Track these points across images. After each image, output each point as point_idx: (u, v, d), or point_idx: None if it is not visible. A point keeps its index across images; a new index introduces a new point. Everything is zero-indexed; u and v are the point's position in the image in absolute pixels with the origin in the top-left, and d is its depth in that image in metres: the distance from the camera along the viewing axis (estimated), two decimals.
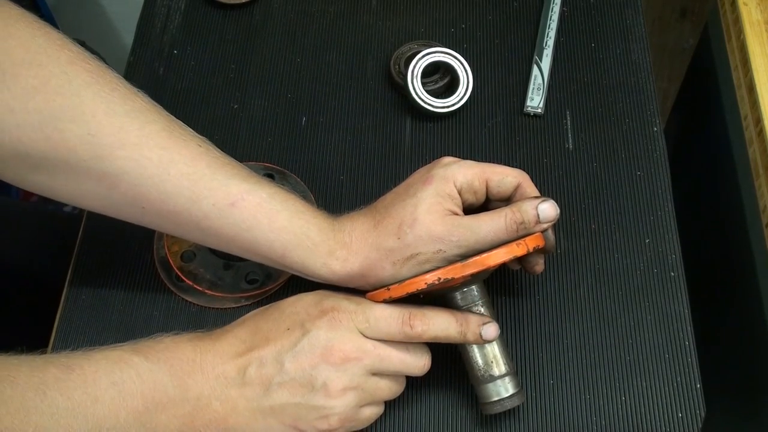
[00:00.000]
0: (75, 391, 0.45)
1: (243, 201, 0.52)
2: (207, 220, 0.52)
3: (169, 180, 0.51)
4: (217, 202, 0.52)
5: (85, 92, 0.49)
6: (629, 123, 0.68)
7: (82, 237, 0.64)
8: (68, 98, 0.49)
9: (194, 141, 0.53)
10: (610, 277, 0.61)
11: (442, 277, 0.50)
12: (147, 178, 0.51)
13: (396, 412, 0.56)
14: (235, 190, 0.52)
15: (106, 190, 0.51)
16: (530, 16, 0.74)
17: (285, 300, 0.53)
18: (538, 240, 0.52)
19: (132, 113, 0.51)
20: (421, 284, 0.50)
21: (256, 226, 0.52)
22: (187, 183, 0.51)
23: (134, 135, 0.50)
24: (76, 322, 0.60)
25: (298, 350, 0.49)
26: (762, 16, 0.76)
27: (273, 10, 0.75)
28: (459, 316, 0.52)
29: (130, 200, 0.52)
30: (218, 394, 0.49)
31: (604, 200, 0.64)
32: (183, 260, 0.61)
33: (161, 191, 0.51)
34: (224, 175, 0.52)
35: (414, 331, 0.50)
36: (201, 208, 0.52)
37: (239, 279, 0.61)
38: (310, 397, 0.49)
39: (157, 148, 0.51)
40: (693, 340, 0.58)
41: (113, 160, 0.50)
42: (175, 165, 0.51)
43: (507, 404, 0.53)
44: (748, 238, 0.76)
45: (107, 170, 0.50)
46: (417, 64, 0.68)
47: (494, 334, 0.52)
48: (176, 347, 0.50)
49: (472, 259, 0.50)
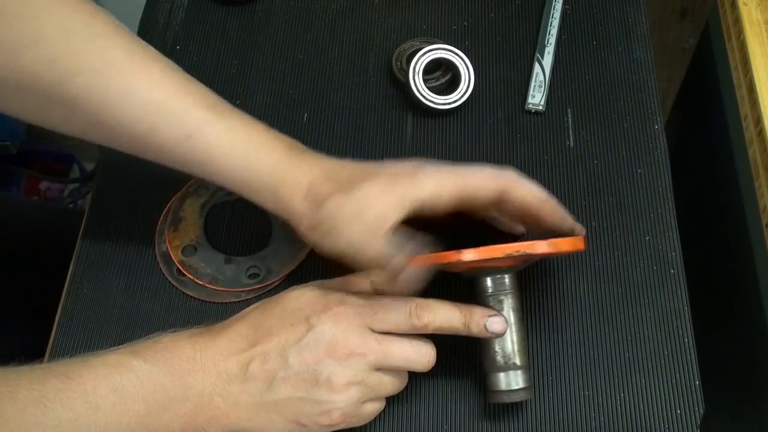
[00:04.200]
0: (76, 401, 0.45)
1: (200, 133, 0.51)
2: (164, 149, 0.52)
3: (127, 109, 0.50)
4: (174, 134, 0.51)
5: (44, 15, 0.48)
6: (630, 121, 0.68)
7: (84, 231, 0.64)
8: (27, 23, 0.48)
9: (156, 66, 0.51)
10: (610, 274, 0.61)
11: (521, 250, 0.49)
12: (105, 106, 0.50)
13: (395, 408, 0.56)
14: (192, 122, 0.51)
15: (68, 113, 0.51)
16: (532, 13, 0.74)
17: (286, 294, 0.53)
18: (580, 244, 0.51)
19: (92, 37, 0.50)
20: (499, 253, 0.49)
21: (211, 159, 0.52)
22: (143, 113, 0.51)
23: (94, 61, 0.49)
24: (78, 316, 0.60)
25: (302, 345, 0.49)
26: (762, 16, 0.76)
27: (275, 6, 0.75)
28: (463, 307, 0.52)
29: (89, 125, 0.52)
30: (220, 391, 0.49)
31: (605, 197, 0.65)
32: (184, 254, 0.62)
33: (118, 119, 0.51)
34: (183, 105, 0.51)
35: (420, 321, 0.50)
36: (157, 139, 0.51)
37: (240, 273, 0.61)
38: (314, 392, 0.49)
39: (116, 75, 0.50)
40: (692, 338, 0.58)
41: (71, 86, 0.49)
42: (133, 94, 0.50)
43: (515, 397, 0.53)
44: (748, 238, 0.76)
45: (66, 95, 0.50)
46: (419, 61, 0.68)
47: (500, 328, 0.52)
48: (175, 346, 0.50)
49: (551, 240, 0.49)
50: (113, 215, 0.65)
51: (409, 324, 0.51)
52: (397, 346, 0.51)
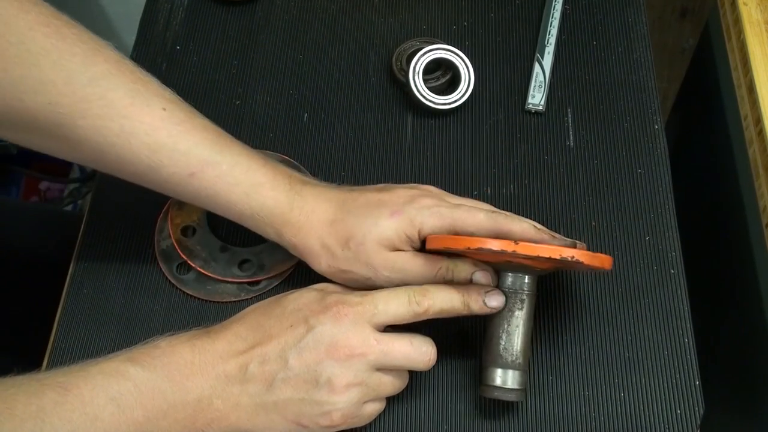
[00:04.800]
0: (74, 414, 0.45)
1: (202, 173, 0.53)
2: (167, 184, 0.54)
3: (130, 149, 0.52)
4: (177, 172, 0.53)
5: (44, 61, 0.49)
6: (630, 121, 0.68)
7: (84, 231, 0.64)
8: (27, 69, 0.49)
9: (159, 104, 0.52)
10: (610, 274, 0.61)
11: (549, 255, 0.49)
12: (108, 146, 0.52)
13: (395, 408, 0.56)
14: (194, 161, 0.53)
15: (72, 149, 0.53)
16: (532, 14, 0.74)
17: (285, 296, 0.53)
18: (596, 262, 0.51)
19: (94, 81, 0.50)
20: (528, 251, 0.50)
21: (214, 195, 0.54)
22: (147, 152, 0.52)
23: (95, 105, 0.50)
24: (78, 316, 0.60)
25: (302, 346, 0.49)
26: (762, 16, 0.76)
27: (275, 6, 0.75)
28: (460, 288, 0.52)
29: (93, 161, 0.54)
30: (219, 393, 0.49)
31: (605, 198, 0.65)
32: (182, 234, 0.62)
33: (122, 157, 0.52)
34: (186, 143, 0.53)
35: (421, 307, 0.51)
36: (161, 175, 0.53)
37: (232, 264, 0.61)
38: (314, 393, 0.49)
39: (118, 117, 0.51)
40: (692, 338, 0.58)
41: (74, 129, 0.51)
42: (136, 135, 0.51)
43: (507, 396, 0.53)
44: (748, 238, 0.76)
45: (69, 136, 0.51)
46: (419, 61, 0.68)
47: (498, 302, 0.52)
48: (173, 351, 0.50)
49: (592, 254, 0.50)
50: (113, 215, 0.64)
51: (411, 311, 0.51)
52: (398, 346, 0.51)
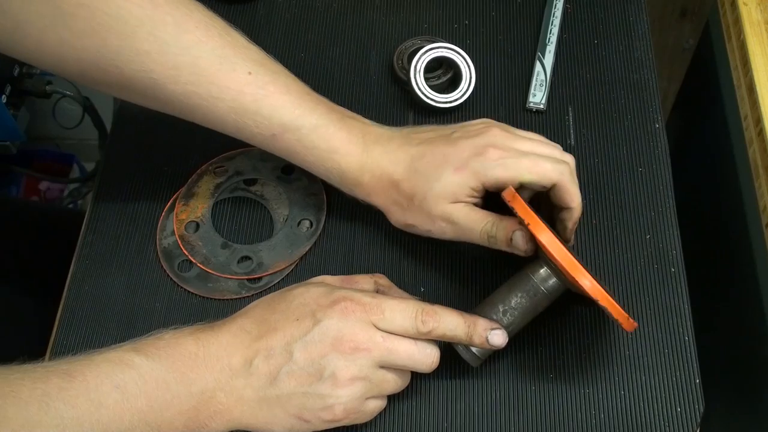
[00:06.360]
0: (78, 399, 0.45)
1: (282, 135, 0.57)
2: (253, 140, 0.58)
3: (217, 111, 0.56)
4: (260, 132, 0.57)
5: (139, 32, 0.53)
6: (631, 119, 0.68)
7: (86, 229, 0.64)
8: (123, 40, 0.53)
9: (245, 68, 0.56)
10: (610, 272, 0.61)
11: (586, 289, 0.50)
12: (196, 107, 0.56)
13: (396, 406, 0.56)
14: (276, 125, 0.56)
15: (161, 107, 0.58)
16: (533, 12, 0.75)
17: (290, 290, 0.53)
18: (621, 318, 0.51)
19: (185, 50, 0.54)
20: (573, 270, 0.50)
21: (294, 154, 0.58)
22: (233, 115, 0.56)
23: (185, 72, 0.54)
24: (79, 313, 0.60)
25: (308, 340, 0.49)
26: (762, 16, 0.76)
27: (277, 5, 0.75)
28: (468, 317, 0.52)
29: (182, 116, 0.58)
30: (223, 386, 0.49)
31: (606, 196, 0.65)
32: (186, 229, 0.63)
33: (209, 117, 0.57)
34: (268, 108, 0.56)
35: (425, 327, 0.51)
36: (246, 134, 0.57)
37: (232, 261, 0.61)
38: (317, 386, 0.49)
39: (206, 83, 0.55)
40: (692, 336, 0.59)
41: (165, 92, 0.55)
42: (222, 100, 0.55)
43: (464, 354, 0.53)
44: (748, 238, 0.76)
45: (160, 97, 0.56)
46: (420, 60, 0.68)
47: (501, 342, 0.52)
48: (177, 343, 0.50)
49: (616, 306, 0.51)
50: (114, 213, 0.65)
51: (414, 328, 0.51)
52: (403, 345, 0.51)
